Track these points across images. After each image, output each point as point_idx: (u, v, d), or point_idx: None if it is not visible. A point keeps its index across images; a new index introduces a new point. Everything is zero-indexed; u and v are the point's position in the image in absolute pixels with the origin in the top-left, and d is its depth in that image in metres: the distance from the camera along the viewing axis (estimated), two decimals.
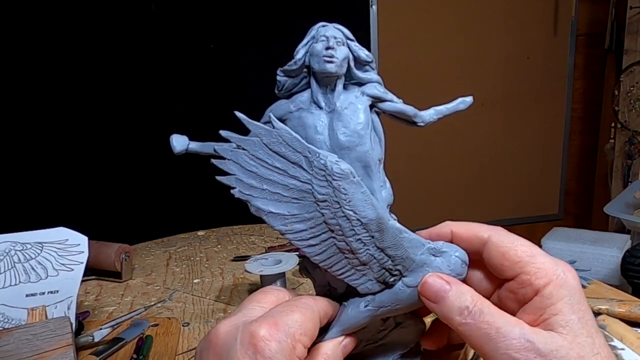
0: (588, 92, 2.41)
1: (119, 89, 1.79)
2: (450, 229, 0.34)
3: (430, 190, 2.30)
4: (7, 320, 0.61)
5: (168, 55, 1.82)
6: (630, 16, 2.02)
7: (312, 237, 0.31)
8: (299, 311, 0.29)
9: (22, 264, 0.65)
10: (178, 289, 0.85)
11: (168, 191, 1.89)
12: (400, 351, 0.39)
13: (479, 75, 2.27)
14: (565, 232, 1.96)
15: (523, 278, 0.29)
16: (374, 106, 0.37)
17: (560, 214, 2.54)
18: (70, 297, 0.65)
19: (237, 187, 0.31)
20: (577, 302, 0.28)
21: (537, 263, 0.29)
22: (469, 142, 2.33)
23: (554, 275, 0.28)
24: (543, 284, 0.28)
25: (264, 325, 0.27)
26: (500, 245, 0.30)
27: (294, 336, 0.27)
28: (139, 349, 0.63)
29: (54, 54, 1.69)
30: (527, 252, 0.29)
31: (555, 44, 2.31)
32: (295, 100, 0.36)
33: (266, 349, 0.26)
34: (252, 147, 0.31)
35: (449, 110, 0.41)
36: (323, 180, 0.30)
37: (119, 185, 1.83)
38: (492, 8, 2.21)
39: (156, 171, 1.84)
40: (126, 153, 1.83)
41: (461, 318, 0.29)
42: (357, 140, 0.34)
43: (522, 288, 0.29)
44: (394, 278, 0.33)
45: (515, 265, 0.29)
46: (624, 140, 2.14)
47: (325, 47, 0.34)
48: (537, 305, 0.28)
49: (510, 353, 0.26)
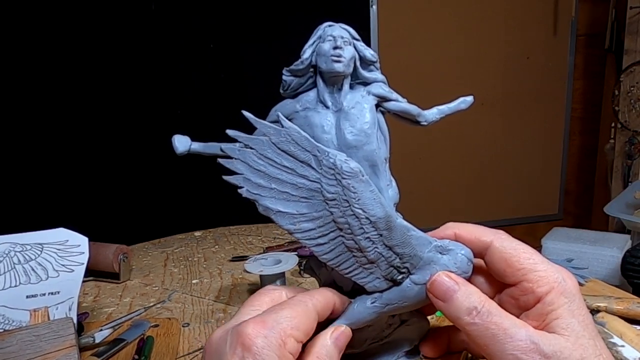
0: (588, 92, 2.41)
1: (118, 89, 1.79)
2: (454, 231, 0.34)
3: (430, 190, 2.30)
4: (8, 321, 0.61)
5: (168, 55, 1.82)
6: (630, 16, 2.02)
7: (321, 235, 0.32)
8: (289, 307, 0.29)
9: (22, 265, 0.65)
10: (177, 289, 0.85)
11: (163, 191, 1.88)
12: (405, 349, 0.39)
13: (479, 75, 2.27)
14: (565, 232, 1.96)
15: (525, 285, 0.30)
16: (379, 105, 0.38)
17: (560, 214, 2.54)
18: (71, 298, 0.65)
19: (245, 187, 0.31)
20: (577, 308, 0.29)
21: (539, 271, 0.30)
22: (469, 142, 2.33)
23: (555, 282, 0.29)
24: (545, 292, 0.29)
25: (250, 324, 0.27)
26: (503, 251, 0.31)
27: (284, 331, 0.27)
28: (140, 350, 0.62)
29: (53, 54, 1.69)
30: (530, 260, 0.30)
31: (555, 44, 2.32)
32: (302, 100, 0.36)
33: (252, 345, 0.26)
34: (260, 146, 0.31)
35: (451, 110, 0.42)
36: (332, 179, 0.30)
37: (114, 185, 1.83)
38: (492, 8, 2.21)
39: (152, 171, 1.84)
40: (123, 153, 1.83)
41: (469, 318, 0.29)
42: (365, 139, 0.35)
43: (523, 295, 0.30)
44: (402, 276, 0.33)
45: (517, 272, 0.30)
46: (624, 140, 2.14)
47: (333, 46, 0.34)
48: (539, 312, 0.29)
49: (516, 354, 0.27)
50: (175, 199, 1.89)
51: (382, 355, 0.39)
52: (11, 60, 1.65)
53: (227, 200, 1.14)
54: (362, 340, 0.38)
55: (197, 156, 0.40)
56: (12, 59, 1.65)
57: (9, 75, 1.66)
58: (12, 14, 1.62)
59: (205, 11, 1.82)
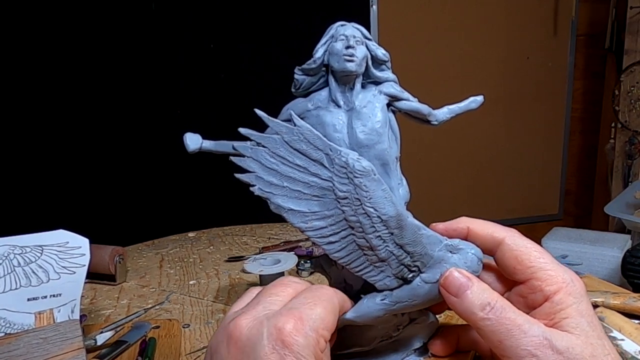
0: (588, 92, 2.42)
1: (118, 90, 1.78)
2: (467, 225, 0.35)
3: (430, 190, 2.30)
4: (10, 325, 0.60)
5: (168, 55, 1.81)
6: (631, 16, 2.02)
7: (332, 234, 0.32)
8: (321, 305, 0.29)
9: (22, 268, 0.64)
10: (174, 290, 0.85)
11: (155, 192, 1.87)
12: (414, 347, 0.40)
13: (479, 75, 2.27)
14: (565, 232, 1.96)
15: (534, 284, 0.30)
16: (390, 105, 0.38)
17: (560, 214, 2.55)
18: (73, 300, 0.64)
19: (257, 185, 0.32)
20: (584, 309, 0.29)
21: (549, 270, 0.30)
22: (469, 141, 2.33)
23: (563, 283, 0.30)
24: (553, 291, 0.30)
25: (290, 320, 0.27)
26: (514, 249, 0.32)
27: (318, 330, 0.27)
28: (143, 352, 0.62)
29: (53, 54, 1.68)
30: (540, 259, 0.31)
31: (555, 44, 2.32)
32: (313, 99, 0.36)
33: (294, 344, 0.26)
34: (272, 144, 0.31)
35: (461, 109, 0.42)
36: (344, 178, 0.31)
37: (106, 185, 1.81)
38: (492, 8, 2.21)
39: (144, 171, 1.83)
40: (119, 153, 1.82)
41: (483, 313, 0.29)
42: (376, 138, 0.35)
43: (532, 293, 0.31)
44: (412, 274, 0.33)
45: (527, 270, 0.31)
46: (624, 140, 2.14)
47: (345, 46, 0.34)
48: (547, 311, 0.30)
49: (530, 349, 0.28)
50: (167, 199, 1.88)
51: (391, 354, 0.39)
52: (11, 60, 1.64)
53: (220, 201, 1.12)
54: (372, 339, 0.38)
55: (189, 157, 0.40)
56: (12, 59, 1.65)
57: (8, 76, 1.65)
58: (12, 14, 1.62)
59: (205, 11, 1.82)
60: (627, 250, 1.52)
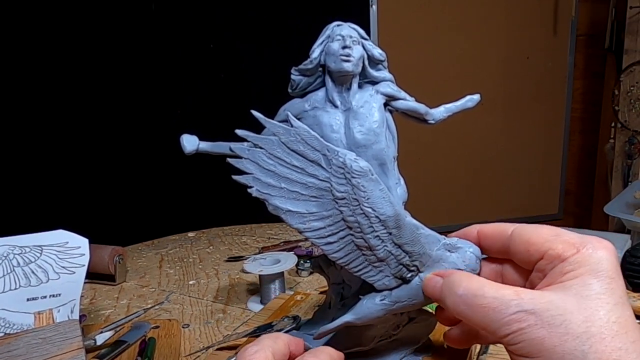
0: (588, 92, 2.42)
1: (118, 90, 1.78)
2: (477, 229, 0.34)
3: (430, 190, 2.29)
4: (9, 325, 0.60)
5: (168, 55, 1.81)
6: (630, 16, 2.02)
7: (331, 234, 0.32)
8: None
9: (21, 268, 0.64)
10: (174, 290, 0.85)
11: (154, 192, 1.87)
12: (413, 346, 0.40)
13: (479, 75, 2.27)
14: None
15: (551, 253, 0.28)
16: (387, 104, 0.38)
17: (560, 214, 2.55)
18: (73, 300, 0.64)
19: (255, 186, 0.32)
20: (604, 270, 0.27)
21: (564, 237, 0.29)
22: (469, 142, 2.33)
23: (581, 246, 0.28)
24: (571, 254, 0.27)
25: None
26: (523, 233, 0.30)
27: None
28: (142, 352, 0.62)
29: (53, 54, 1.68)
30: (552, 232, 0.29)
31: (555, 44, 2.32)
32: (310, 99, 0.36)
33: None
34: (270, 145, 0.31)
35: (458, 108, 0.42)
36: (342, 178, 0.31)
37: (105, 185, 1.81)
38: (492, 8, 2.21)
39: (145, 172, 1.83)
40: (120, 153, 1.82)
41: (455, 306, 0.29)
42: (374, 138, 0.35)
43: (550, 263, 0.28)
44: (411, 274, 0.33)
45: (542, 246, 0.29)
46: (624, 140, 2.14)
47: (342, 46, 0.34)
48: (560, 270, 0.28)
49: (510, 327, 0.26)
50: (167, 199, 1.88)
51: (390, 353, 0.39)
52: (11, 61, 1.64)
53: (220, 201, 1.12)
54: (371, 338, 0.38)
55: (188, 158, 0.40)
56: (12, 59, 1.64)
57: (7, 77, 1.65)
58: (12, 14, 1.62)
59: (205, 11, 1.82)
60: (627, 250, 1.51)
